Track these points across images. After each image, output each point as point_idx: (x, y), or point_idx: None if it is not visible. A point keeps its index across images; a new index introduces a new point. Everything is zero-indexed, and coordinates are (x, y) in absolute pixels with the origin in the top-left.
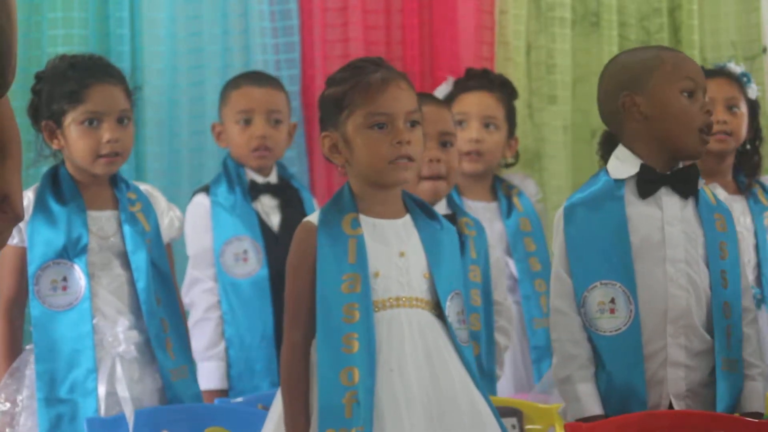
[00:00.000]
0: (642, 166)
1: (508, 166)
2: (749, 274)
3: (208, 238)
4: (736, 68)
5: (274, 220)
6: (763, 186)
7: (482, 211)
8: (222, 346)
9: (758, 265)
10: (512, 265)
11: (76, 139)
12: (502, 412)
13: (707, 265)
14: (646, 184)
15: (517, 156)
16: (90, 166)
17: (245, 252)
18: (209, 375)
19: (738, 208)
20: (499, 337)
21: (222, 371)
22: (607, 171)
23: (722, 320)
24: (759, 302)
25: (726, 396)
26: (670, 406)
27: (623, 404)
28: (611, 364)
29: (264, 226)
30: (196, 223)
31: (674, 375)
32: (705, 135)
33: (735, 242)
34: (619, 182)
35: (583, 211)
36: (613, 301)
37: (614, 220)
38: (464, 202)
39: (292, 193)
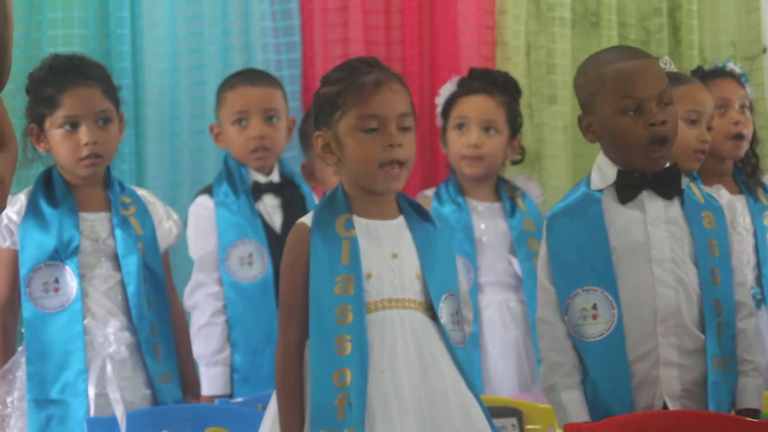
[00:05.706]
0: (620, 173)
1: (515, 163)
2: (749, 274)
3: (213, 241)
4: (736, 68)
5: (277, 220)
6: (763, 186)
7: (486, 211)
8: (228, 351)
9: (758, 265)
10: (516, 264)
11: (57, 143)
12: (502, 412)
13: (696, 264)
14: (626, 189)
15: (523, 153)
16: (73, 168)
17: (250, 255)
18: (215, 380)
19: (738, 207)
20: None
21: (227, 377)
22: (587, 180)
23: (713, 318)
24: (759, 302)
25: (718, 394)
26: (665, 407)
27: (610, 409)
28: (596, 370)
29: (267, 228)
30: (200, 226)
31: (667, 375)
32: (654, 145)
33: (725, 239)
34: (598, 190)
35: (562, 220)
36: (595, 306)
37: (593, 227)
38: (468, 202)
39: (293, 191)
